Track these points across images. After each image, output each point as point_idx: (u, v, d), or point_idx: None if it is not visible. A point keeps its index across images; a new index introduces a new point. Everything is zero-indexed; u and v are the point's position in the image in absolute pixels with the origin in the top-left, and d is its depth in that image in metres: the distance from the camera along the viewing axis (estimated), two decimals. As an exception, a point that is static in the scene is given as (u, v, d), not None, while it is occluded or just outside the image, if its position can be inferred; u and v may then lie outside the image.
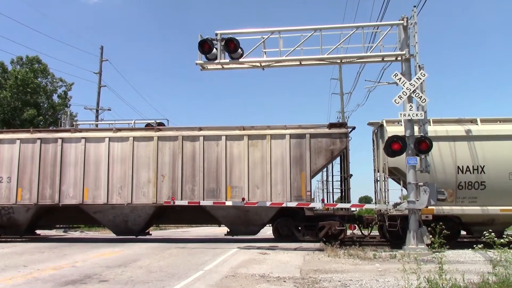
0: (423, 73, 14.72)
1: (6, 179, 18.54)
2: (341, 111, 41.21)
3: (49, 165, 18.53)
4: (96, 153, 18.45)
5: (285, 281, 9.34)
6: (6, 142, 18.80)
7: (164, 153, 18.16)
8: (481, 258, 12.45)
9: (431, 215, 16.00)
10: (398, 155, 15.16)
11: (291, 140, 17.62)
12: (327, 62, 16.78)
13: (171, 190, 17.92)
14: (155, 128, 18.70)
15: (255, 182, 17.63)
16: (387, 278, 9.41)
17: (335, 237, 17.10)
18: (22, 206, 18.43)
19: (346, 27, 16.36)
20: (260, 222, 18.12)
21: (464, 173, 16.20)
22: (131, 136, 18.42)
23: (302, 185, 17.40)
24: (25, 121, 33.78)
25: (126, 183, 18.12)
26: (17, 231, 19.25)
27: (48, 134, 19.14)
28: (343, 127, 17.90)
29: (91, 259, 12.77)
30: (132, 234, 19.02)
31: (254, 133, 17.96)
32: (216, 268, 11.04)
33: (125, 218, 18.44)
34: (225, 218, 18.19)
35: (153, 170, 18.07)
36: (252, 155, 17.74)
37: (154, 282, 9.11)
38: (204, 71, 16.55)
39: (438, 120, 17.05)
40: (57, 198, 18.28)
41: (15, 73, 34.85)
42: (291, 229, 17.68)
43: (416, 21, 15.02)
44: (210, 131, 18.22)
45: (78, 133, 18.95)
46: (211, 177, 17.85)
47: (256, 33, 16.03)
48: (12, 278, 9.66)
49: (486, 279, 7.77)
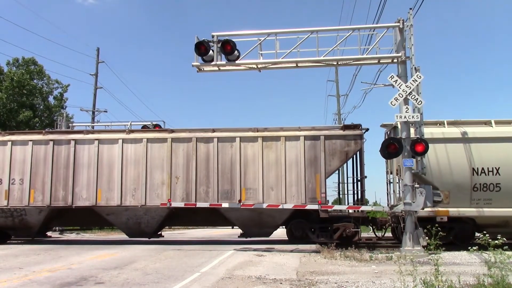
0: (419, 75, 14.77)
1: (19, 180, 18.36)
2: (338, 113, 41.36)
3: (62, 166, 18.37)
4: (109, 155, 18.30)
5: (281, 283, 9.34)
6: (18, 143, 18.62)
7: (178, 155, 18.03)
8: (476, 259, 12.48)
9: (446, 217, 15.96)
10: (394, 157, 15.22)
11: (305, 141, 17.51)
12: (324, 64, 16.82)
13: (185, 192, 17.78)
14: (168, 129, 18.52)
15: (269, 184, 17.50)
16: (383, 280, 9.43)
17: (350, 239, 17.01)
18: (34, 208, 18.25)
19: (342, 29, 16.41)
20: (274, 224, 18.03)
21: (479, 175, 16.08)
22: (144, 137, 18.28)
23: (316, 187, 17.27)
24: (21, 122, 33.70)
25: (139, 184, 17.98)
26: (29, 233, 19.10)
27: (60, 136, 18.96)
28: (358, 128, 17.74)
29: (87, 261, 12.73)
30: (145, 236, 18.88)
31: (269, 134, 17.85)
32: (212, 270, 11.03)
33: (138, 220, 18.29)
34: (239, 220, 18.09)
35: (167, 171, 17.93)
36: (266, 156, 17.62)
37: (150, 284, 9.10)
38: (200, 73, 16.56)
39: (452, 121, 16.94)
40: (70, 200, 18.11)
41: (11, 75, 34.77)
42: (305, 230, 17.58)
43: (412, 23, 15.07)
44: (224, 132, 18.10)
45: (91, 134, 18.81)
46: (225, 178, 17.73)
47: (253, 35, 16.04)
48: (7, 280, 9.63)
49: (481, 281, 7.79)
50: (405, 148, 14.71)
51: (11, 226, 18.77)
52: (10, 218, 18.43)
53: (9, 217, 18.42)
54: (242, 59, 15.97)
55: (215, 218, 18.56)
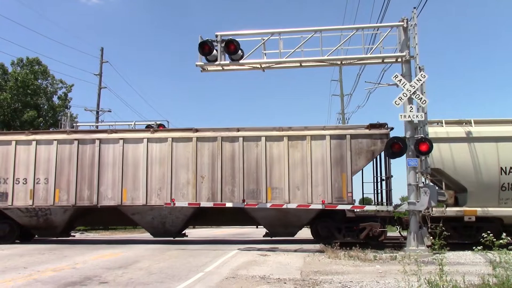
0: (423, 75, 14.73)
1: (43, 180, 18.34)
2: (342, 113, 41.31)
3: (86, 166, 18.33)
4: (134, 154, 18.24)
5: (285, 282, 9.33)
6: (43, 143, 18.59)
7: (203, 154, 17.94)
8: (481, 259, 12.44)
9: (474, 216, 15.81)
10: (398, 156, 15.17)
11: (331, 141, 17.38)
12: (327, 64, 16.79)
13: (210, 191, 17.69)
14: (193, 129, 18.35)
15: (295, 183, 17.38)
16: (387, 280, 9.41)
17: (376, 238, 16.92)
18: (59, 207, 18.23)
19: (346, 28, 16.37)
20: (299, 224, 17.97)
21: (507, 174, 15.88)
22: (169, 137, 18.20)
23: (343, 186, 17.13)
24: (25, 122, 33.77)
25: (165, 184, 17.90)
26: (53, 232, 19.12)
27: (85, 135, 18.92)
28: (383, 127, 17.51)
29: (91, 261, 12.77)
30: (169, 236, 18.86)
31: (294, 134, 17.73)
32: (216, 270, 11.04)
33: (163, 219, 18.26)
34: (265, 220, 17.99)
35: (192, 171, 17.85)
36: (292, 156, 17.50)
37: (154, 284, 9.12)
38: (204, 72, 16.57)
39: (479, 120, 16.76)
40: (95, 199, 18.07)
41: (16, 75, 34.84)
42: (331, 230, 17.43)
43: (416, 23, 15.03)
44: (249, 132, 17.99)
45: (115, 133, 18.72)
46: (251, 178, 17.62)
47: (256, 35, 16.03)
48: (12, 279, 9.67)
49: (486, 280, 7.76)
50: (409, 147, 14.69)
51: (35, 225, 18.79)
52: (35, 217, 18.45)
53: (34, 217, 18.44)
54: (246, 58, 15.96)
55: (241, 217, 18.47)
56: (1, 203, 18.32)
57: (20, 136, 19.01)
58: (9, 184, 18.36)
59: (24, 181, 18.40)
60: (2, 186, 18.41)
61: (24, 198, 18.30)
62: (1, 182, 18.45)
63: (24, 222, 18.65)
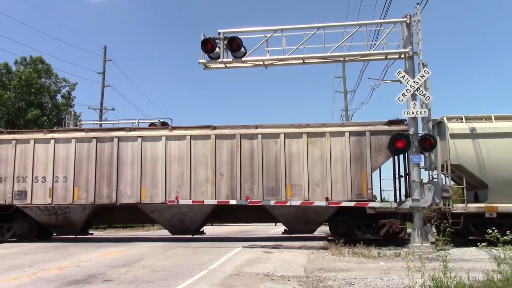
0: (427, 71, 14.68)
1: (62, 178, 18.35)
2: (345, 109, 41.21)
3: (105, 164, 18.33)
4: (152, 152, 18.22)
5: (289, 279, 9.33)
6: (61, 141, 18.60)
7: (222, 152, 17.91)
8: (486, 256, 12.40)
9: (495, 212, 15.61)
10: (401, 153, 15.17)
11: (350, 137, 17.30)
12: (330, 60, 16.76)
13: (229, 189, 17.67)
14: (211, 126, 18.30)
15: (314, 180, 17.31)
16: (391, 277, 9.40)
17: (396, 235, 16.84)
18: (79, 205, 18.24)
19: (349, 25, 16.29)
20: (318, 221, 17.96)
21: None
22: (188, 134, 18.15)
23: (362, 183, 17.05)
24: (29, 121, 33.84)
25: (184, 182, 17.87)
26: (72, 230, 19.16)
27: (103, 133, 18.92)
28: (402, 124, 17.25)
29: (95, 259, 12.80)
30: (188, 233, 18.86)
31: (313, 130, 17.66)
32: (220, 267, 11.05)
33: (182, 217, 18.26)
34: (284, 217, 17.94)
35: (211, 168, 17.82)
36: (311, 153, 17.43)
37: (158, 282, 9.13)
38: (207, 70, 16.54)
39: (500, 116, 16.50)
40: (115, 197, 18.05)
41: (19, 74, 34.91)
42: (350, 227, 17.35)
43: (419, 19, 14.97)
44: (267, 129, 17.95)
45: (133, 131, 18.71)
46: (270, 175, 17.57)
47: (259, 32, 16.00)
48: (17, 278, 9.70)
49: (491, 277, 7.73)
50: (413, 144, 14.65)
51: (54, 223, 18.82)
52: (53, 215, 18.47)
53: (53, 215, 18.46)
54: (249, 56, 15.93)
55: (260, 214, 18.39)
56: (20, 202, 18.35)
57: (38, 135, 19.05)
58: (28, 183, 18.40)
59: (43, 180, 18.43)
60: (21, 185, 18.44)
61: (43, 196, 18.33)
62: (20, 180, 18.47)
63: (43, 220, 18.67)
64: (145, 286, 8.67)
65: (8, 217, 18.69)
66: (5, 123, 34.04)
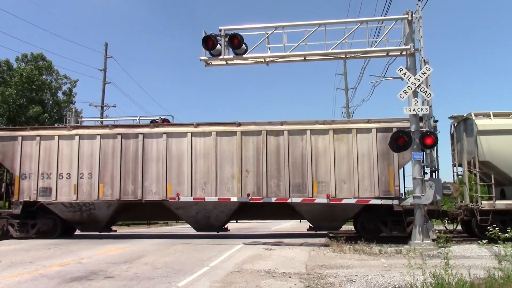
0: (428, 68, 14.65)
1: (87, 175, 18.36)
2: (346, 106, 41.23)
3: (130, 160, 18.31)
4: (178, 148, 18.19)
5: (290, 276, 9.34)
6: (85, 138, 18.59)
7: (248, 148, 17.89)
8: (487, 253, 12.38)
9: None
10: (403, 150, 15.11)
11: (377, 134, 17.27)
12: (332, 57, 16.71)
13: (255, 186, 17.65)
14: (236, 122, 18.27)
15: (341, 177, 17.30)
16: (392, 274, 9.40)
17: None
18: (104, 202, 18.23)
19: (350, 22, 16.26)
20: (344, 217, 17.95)
21: None
22: (213, 131, 18.13)
23: (390, 179, 17.03)
24: (31, 118, 33.88)
25: (209, 178, 17.86)
26: (96, 227, 19.13)
27: (128, 130, 18.84)
28: None
29: (97, 256, 12.83)
30: (213, 230, 18.82)
31: (340, 127, 17.68)
32: (221, 264, 11.06)
33: (207, 214, 18.19)
34: (310, 214, 17.92)
35: (237, 165, 17.80)
36: (337, 149, 17.42)
37: (159, 278, 9.14)
38: (208, 67, 16.52)
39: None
40: (140, 194, 18.06)
41: (20, 71, 34.94)
42: (377, 224, 17.34)
43: (421, 15, 14.95)
44: (293, 125, 17.93)
45: (158, 128, 18.69)
46: (296, 172, 17.55)
47: (260, 29, 15.96)
48: (18, 274, 9.73)
49: (492, 274, 7.74)
50: (414, 141, 14.63)
51: (79, 220, 18.82)
52: (78, 212, 18.48)
53: (78, 212, 18.47)
54: (250, 52, 15.89)
55: (285, 211, 18.35)
56: (45, 198, 18.36)
57: (62, 131, 19.03)
58: (53, 179, 18.41)
59: (67, 176, 18.44)
60: (46, 181, 18.45)
61: (68, 193, 18.34)
62: (45, 177, 18.48)
63: (68, 217, 18.68)
64: (147, 283, 8.68)
65: (33, 214, 18.68)
66: (6, 120, 34.07)
